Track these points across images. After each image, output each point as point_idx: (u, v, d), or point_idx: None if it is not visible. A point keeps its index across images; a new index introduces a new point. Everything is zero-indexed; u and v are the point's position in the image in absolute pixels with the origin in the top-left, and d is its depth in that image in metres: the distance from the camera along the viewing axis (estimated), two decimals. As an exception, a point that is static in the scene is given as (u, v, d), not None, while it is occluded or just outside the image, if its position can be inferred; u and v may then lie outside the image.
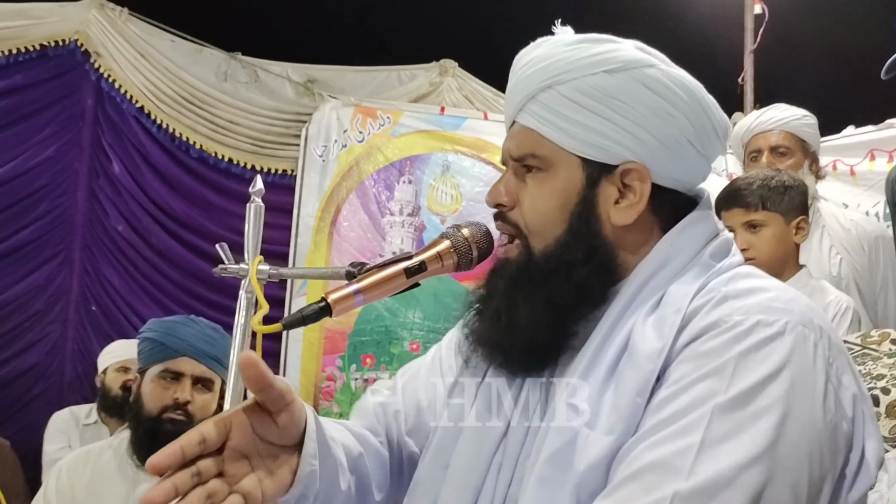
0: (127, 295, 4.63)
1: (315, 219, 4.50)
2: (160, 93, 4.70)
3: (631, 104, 0.99)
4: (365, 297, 1.04)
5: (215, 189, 4.79)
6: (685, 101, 1.00)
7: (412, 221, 4.59)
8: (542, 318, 1.00)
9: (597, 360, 0.96)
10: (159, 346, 2.19)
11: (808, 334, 0.88)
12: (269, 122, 4.82)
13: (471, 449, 1.03)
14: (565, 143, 1.01)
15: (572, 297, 1.00)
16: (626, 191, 1.01)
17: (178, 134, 4.72)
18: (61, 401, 4.30)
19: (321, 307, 0.99)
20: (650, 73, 1.00)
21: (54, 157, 4.55)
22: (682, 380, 0.87)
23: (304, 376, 4.27)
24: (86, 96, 4.65)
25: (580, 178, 1.01)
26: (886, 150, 3.92)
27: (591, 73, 0.99)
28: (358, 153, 4.58)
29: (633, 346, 0.93)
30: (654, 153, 1.00)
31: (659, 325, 0.92)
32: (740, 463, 0.80)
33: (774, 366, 0.85)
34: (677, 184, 1.04)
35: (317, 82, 4.80)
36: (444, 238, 1.09)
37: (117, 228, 4.65)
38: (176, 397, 2.13)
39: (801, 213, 2.22)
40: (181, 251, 4.75)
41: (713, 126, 1.03)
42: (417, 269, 1.07)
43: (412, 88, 4.82)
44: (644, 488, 0.81)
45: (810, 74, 5.01)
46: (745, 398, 0.83)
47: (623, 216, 1.01)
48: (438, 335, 4.82)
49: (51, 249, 4.56)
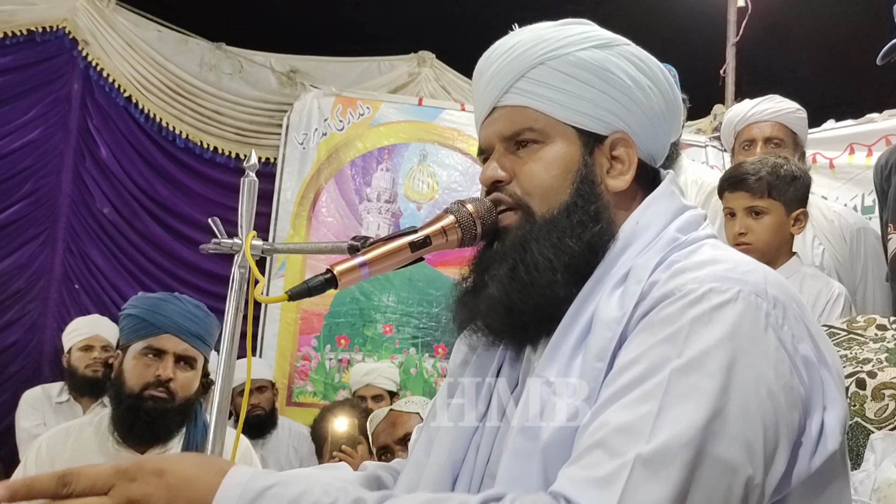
0: (111, 275, 4.72)
1: (294, 205, 4.60)
2: (147, 83, 4.82)
3: (620, 76, 1.05)
4: (370, 270, 1.03)
5: (200, 177, 4.92)
6: (660, 78, 1.08)
7: (389, 208, 4.67)
8: (558, 269, 1.01)
9: (567, 334, 0.99)
10: (142, 323, 2.14)
11: (759, 302, 0.91)
12: (253, 111, 4.95)
13: (451, 433, 1.07)
14: (560, 115, 1.05)
15: (586, 254, 1.02)
16: (615, 161, 1.06)
17: (165, 123, 4.88)
18: (39, 378, 4.41)
19: (327, 279, 1.00)
20: (631, 50, 1.08)
21: (40, 139, 4.65)
22: (639, 346, 0.90)
23: (280, 355, 4.34)
24: (73, 81, 4.77)
25: (578, 146, 1.05)
26: (866, 143, 3.98)
27: (583, 48, 1.05)
28: (338, 141, 4.68)
29: (596, 317, 0.96)
30: (638, 124, 1.07)
31: (621, 297, 0.96)
32: (697, 424, 0.83)
33: (724, 331, 0.87)
34: (650, 158, 1.10)
35: (299, 72, 4.92)
36: (448, 213, 1.08)
37: (103, 211, 4.73)
38: (158, 374, 2.08)
39: (801, 206, 2.23)
40: (165, 236, 4.85)
41: (677, 105, 1.11)
42: (422, 243, 1.06)
43: (391, 79, 4.92)
44: (608, 453, 0.83)
45: (791, 68, 5.08)
46: (699, 362, 0.86)
47: (617, 182, 1.06)
48: (412, 318, 4.90)
49: (34, 229, 4.63)
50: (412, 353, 4.45)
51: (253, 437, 3.37)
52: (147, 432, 2.08)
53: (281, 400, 4.23)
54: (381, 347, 4.52)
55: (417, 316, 4.56)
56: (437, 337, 4.53)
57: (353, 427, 2.91)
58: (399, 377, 4.07)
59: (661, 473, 0.81)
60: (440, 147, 4.79)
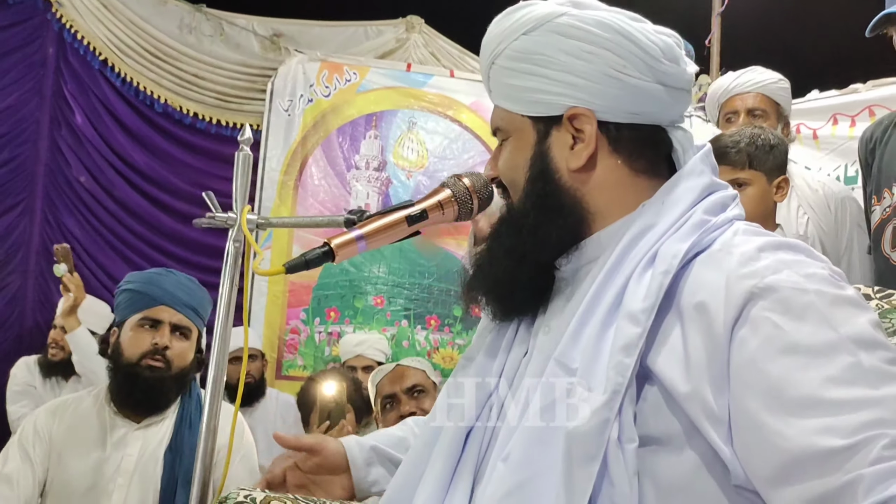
0: (89, 247, 4.61)
1: (280, 173, 4.52)
2: (124, 45, 4.70)
3: (551, 55, 1.06)
4: (367, 243, 1.05)
5: (180, 144, 4.82)
6: (602, 36, 1.05)
7: (378, 176, 4.57)
8: (509, 266, 1.06)
9: (590, 315, 0.98)
10: (139, 296, 2.24)
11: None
12: (235, 76, 4.85)
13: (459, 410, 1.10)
14: (515, 109, 1.09)
15: (530, 242, 1.05)
16: (580, 135, 1.06)
17: (142, 88, 4.78)
18: (20, 351, 4.29)
19: (324, 252, 1.02)
20: (561, 21, 1.06)
21: (15, 104, 4.54)
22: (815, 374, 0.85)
23: (269, 329, 4.28)
24: (47, 45, 4.65)
25: (532, 136, 1.08)
26: (849, 114, 4.02)
27: (514, 39, 1.07)
28: (324, 108, 4.60)
29: (624, 303, 0.95)
30: (590, 93, 1.05)
31: (649, 284, 0.94)
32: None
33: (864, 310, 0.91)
34: (635, 117, 1.06)
35: (283, 36, 4.83)
36: (445, 187, 1.11)
37: (79, 179, 4.61)
38: (155, 342, 2.18)
39: (782, 173, 2.24)
40: (145, 205, 4.75)
41: (643, 50, 1.05)
42: (419, 216, 1.08)
43: (379, 44, 4.82)
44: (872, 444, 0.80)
45: (776, 38, 5.02)
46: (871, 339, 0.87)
47: (576, 159, 1.06)
48: (403, 290, 4.84)
49: (11, 199, 4.53)
50: (404, 326, 4.40)
51: (241, 405, 3.35)
52: (144, 401, 2.18)
53: (270, 373, 4.19)
54: (373, 320, 4.45)
55: (409, 287, 4.49)
56: (430, 308, 4.48)
57: (341, 392, 2.84)
58: (390, 349, 4.00)
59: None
60: (429, 114, 4.74)
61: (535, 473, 0.92)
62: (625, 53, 1.04)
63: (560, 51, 1.04)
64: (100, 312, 3.85)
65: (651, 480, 0.88)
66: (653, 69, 1.05)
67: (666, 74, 1.06)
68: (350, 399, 2.92)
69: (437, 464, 1.05)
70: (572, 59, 1.04)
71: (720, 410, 0.86)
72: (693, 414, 0.87)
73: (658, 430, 0.90)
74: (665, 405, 0.90)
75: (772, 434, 0.83)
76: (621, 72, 1.04)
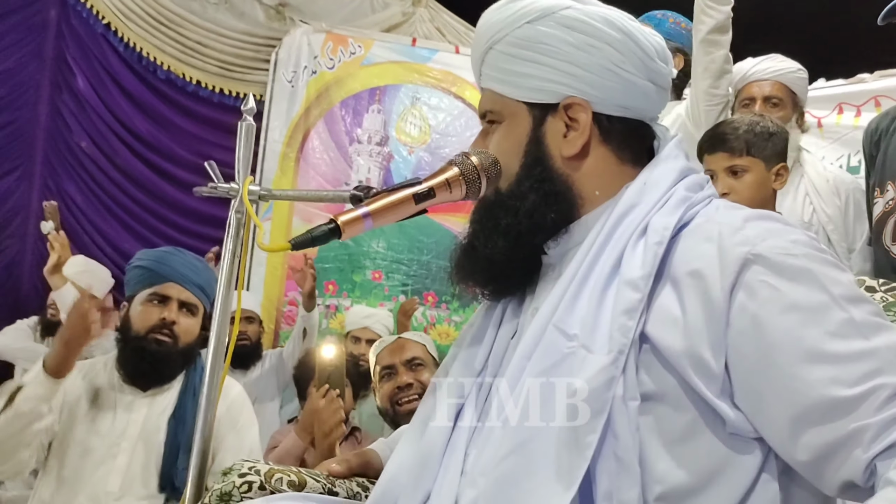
0: (89, 212, 4.60)
1: (282, 145, 4.50)
2: (128, 10, 4.66)
3: (555, 45, 1.10)
4: (374, 221, 1.05)
5: (182, 111, 4.79)
6: (606, 31, 1.11)
7: (380, 151, 4.55)
8: (504, 246, 1.10)
9: (583, 286, 1.03)
10: (149, 273, 2.33)
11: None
12: (239, 44, 4.81)
13: (456, 374, 1.15)
14: (513, 94, 1.13)
15: (526, 224, 1.09)
16: (573, 123, 1.11)
17: (145, 54, 4.74)
18: (16, 315, 4.25)
19: (330, 229, 1.02)
20: (567, 14, 1.11)
21: (14, 67, 4.49)
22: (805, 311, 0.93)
23: (267, 300, 4.29)
24: (48, 7, 4.57)
25: (528, 121, 1.12)
26: (855, 104, 4.00)
27: (518, 27, 1.11)
28: (328, 80, 4.56)
29: (622, 272, 1.01)
30: (589, 85, 1.11)
31: (644, 254, 1.01)
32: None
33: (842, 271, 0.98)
34: (626, 111, 1.13)
35: (288, 6, 4.80)
36: (453, 165, 1.11)
37: (80, 145, 4.58)
38: (163, 317, 2.27)
39: (781, 160, 2.25)
40: (145, 171, 4.75)
41: (642, 49, 1.12)
42: (426, 195, 1.08)
43: (384, 17, 4.77)
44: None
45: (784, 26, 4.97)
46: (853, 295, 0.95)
47: (570, 147, 1.11)
48: (401, 265, 4.83)
49: (9, 163, 4.51)
50: (402, 301, 4.35)
51: (236, 366, 3.51)
52: (152, 372, 2.26)
53: (267, 344, 4.16)
54: (371, 294, 4.45)
55: (408, 263, 4.49)
56: (427, 285, 4.48)
57: (340, 356, 2.82)
58: (393, 327, 4.00)
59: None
60: (433, 90, 4.72)
61: (536, 433, 0.96)
62: (625, 50, 1.11)
63: (563, 42, 1.10)
64: (100, 276, 3.84)
65: (655, 434, 0.95)
66: (647, 67, 1.12)
67: (657, 73, 1.13)
68: (347, 373, 2.93)
69: (428, 441, 1.10)
70: (575, 51, 1.10)
71: (717, 367, 0.93)
72: (685, 371, 0.94)
73: (655, 388, 0.96)
74: (660, 364, 0.96)
75: (782, 388, 0.91)
76: (620, 67, 1.10)
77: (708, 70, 2.49)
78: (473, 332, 1.18)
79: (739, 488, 0.94)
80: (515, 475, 0.95)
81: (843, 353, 0.90)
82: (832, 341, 0.91)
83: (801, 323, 0.92)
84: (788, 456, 0.93)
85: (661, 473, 0.93)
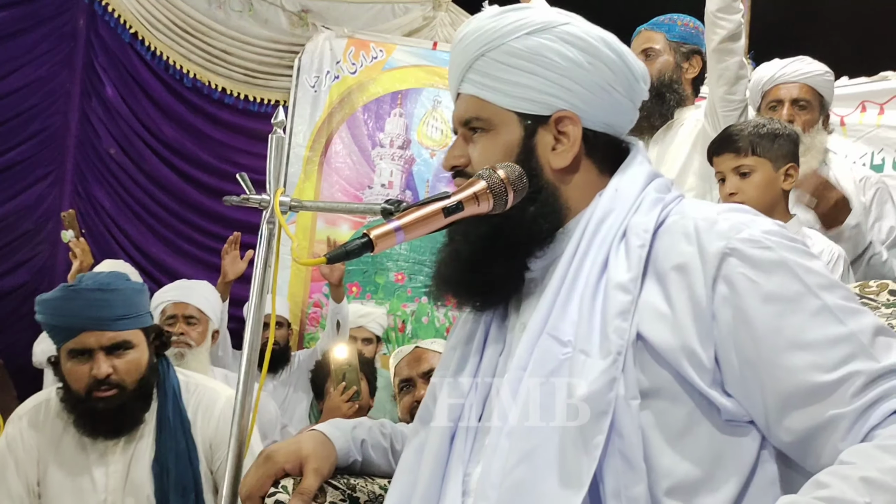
0: (118, 218, 4.70)
1: (306, 149, 4.54)
2: (154, 19, 4.74)
3: (553, 58, 1.12)
4: (406, 235, 1.06)
5: (208, 118, 4.87)
6: (603, 51, 1.14)
7: (402, 154, 4.59)
8: (497, 253, 1.11)
9: (572, 292, 1.06)
10: (54, 329, 1.99)
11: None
12: (263, 52, 4.89)
13: (450, 383, 1.17)
14: (502, 102, 1.14)
15: (523, 233, 1.11)
16: (562, 136, 1.14)
17: (172, 62, 4.83)
18: (49, 320, 4.23)
19: (364, 243, 1.04)
20: (567, 30, 1.13)
21: (46, 76, 4.59)
22: (780, 301, 0.99)
23: (292, 302, 4.37)
24: (77, 16, 4.69)
25: (519, 131, 1.14)
26: (878, 102, 4.01)
27: (516, 37, 1.12)
28: (350, 85, 4.60)
29: (609, 277, 1.04)
30: (581, 100, 1.13)
31: (627, 257, 1.04)
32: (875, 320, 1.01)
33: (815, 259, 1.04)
34: (608, 128, 1.17)
35: (311, 12, 4.87)
36: (480, 179, 1.12)
37: (109, 151, 4.68)
38: (94, 374, 1.94)
39: (790, 161, 2.23)
40: (173, 178, 4.83)
41: (631, 71, 1.16)
42: (455, 208, 1.09)
43: (406, 22, 4.83)
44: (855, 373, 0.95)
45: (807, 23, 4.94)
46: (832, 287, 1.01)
47: (560, 159, 1.13)
48: (423, 267, 4.86)
49: (42, 169, 4.59)
50: (424, 302, 4.43)
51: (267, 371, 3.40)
52: (114, 425, 2.00)
53: (294, 345, 4.20)
54: (393, 295, 4.49)
55: (430, 265, 4.45)
56: (450, 286, 4.47)
57: (353, 355, 2.85)
58: (386, 323, 4.03)
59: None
60: (455, 93, 4.66)
61: (543, 440, 0.99)
62: (617, 71, 1.15)
63: (562, 57, 1.12)
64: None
65: (656, 430, 0.99)
66: (632, 88, 1.17)
67: (637, 94, 1.19)
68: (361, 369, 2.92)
69: (426, 467, 1.11)
70: (573, 66, 1.12)
71: (707, 359, 0.99)
72: (679, 364, 0.99)
73: (651, 384, 1.00)
74: (654, 360, 1.00)
75: (767, 376, 0.98)
76: (611, 86, 1.14)
77: (723, 77, 2.49)
78: (459, 355, 1.18)
79: (742, 471, 0.98)
80: (526, 483, 0.98)
81: (820, 339, 0.97)
82: (810, 329, 0.97)
83: (779, 313, 0.98)
84: (776, 439, 0.99)
85: (667, 468, 0.97)
